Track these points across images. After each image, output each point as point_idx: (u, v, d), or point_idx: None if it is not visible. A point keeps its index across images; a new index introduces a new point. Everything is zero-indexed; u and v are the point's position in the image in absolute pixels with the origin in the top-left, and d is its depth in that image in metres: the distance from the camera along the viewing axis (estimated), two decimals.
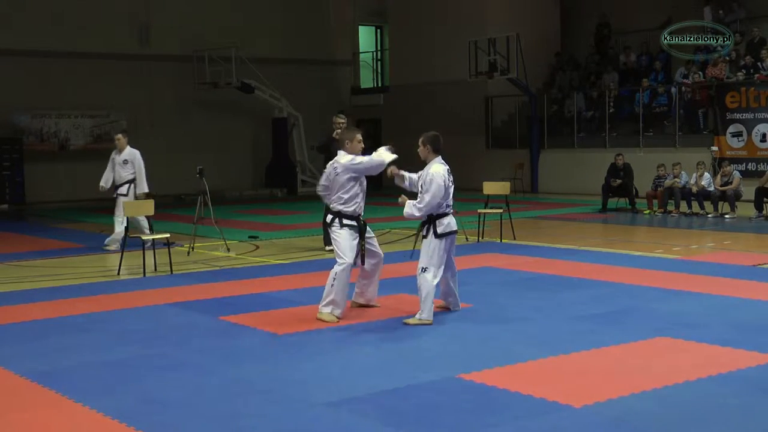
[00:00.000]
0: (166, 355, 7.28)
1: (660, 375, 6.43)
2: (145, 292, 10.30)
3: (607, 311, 8.77)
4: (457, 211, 8.68)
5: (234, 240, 15.05)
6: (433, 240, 8.29)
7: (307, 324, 8.34)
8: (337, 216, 8.57)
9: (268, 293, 10.13)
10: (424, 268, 8.26)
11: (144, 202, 12.72)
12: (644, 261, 12.20)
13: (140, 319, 8.79)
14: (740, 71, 22.48)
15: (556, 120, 26.98)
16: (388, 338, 7.79)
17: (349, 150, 8.69)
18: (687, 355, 7.05)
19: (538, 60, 27.48)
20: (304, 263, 12.58)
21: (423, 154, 8.45)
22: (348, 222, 8.53)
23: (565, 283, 10.53)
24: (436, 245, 8.27)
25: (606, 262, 12.17)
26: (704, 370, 6.54)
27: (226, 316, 8.80)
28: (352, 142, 8.70)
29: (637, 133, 23.74)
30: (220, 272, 11.88)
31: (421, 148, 8.44)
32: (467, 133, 27.80)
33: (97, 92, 26.38)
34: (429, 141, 8.42)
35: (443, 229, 8.32)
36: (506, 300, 9.48)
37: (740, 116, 21.83)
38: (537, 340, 7.61)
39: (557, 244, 14.13)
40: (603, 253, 13.17)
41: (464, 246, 13.63)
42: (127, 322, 8.69)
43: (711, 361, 6.81)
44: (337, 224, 8.54)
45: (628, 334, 7.73)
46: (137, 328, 8.40)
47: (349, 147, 8.70)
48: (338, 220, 8.54)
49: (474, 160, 27.18)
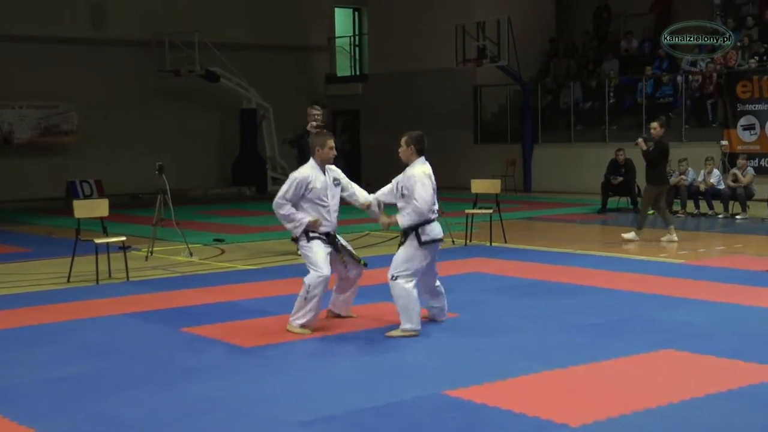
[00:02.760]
0: (124, 371, 7.26)
1: (664, 391, 6.43)
2: (98, 302, 10.25)
3: (607, 321, 8.78)
4: (442, 212, 8.65)
5: (197, 243, 15.01)
6: (413, 247, 8.20)
7: (277, 336, 8.30)
8: (303, 232, 8.53)
9: (235, 302, 10.07)
10: (394, 276, 8.18)
11: (98, 202, 12.67)
12: (647, 266, 12.22)
13: (94, 331, 8.74)
14: (753, 58, 22.61)
15: (551, 112, 27.07)
16: (367, 351, 7.78)
17: (318, 158, 8.56)
18: (693, 369, 7.05)
19: (531, 46, 27.56)
20: (274, 269, 12.53)
21: (405, 155, 8.33)
22: (315, 235, 8.50)
23: (560, 290, 10.53)
24: (416, 254, 8.19)
25: (605, 267, 12.18)
26: (712, 385, 6.55)
27: (189, 327, 8.78)
28: (322, 148, 8.55)
29: (639, 126, 23.79)
30: (181, 279, 11.85)
31: (404, 148, 8.32)
32: (454, 126, 27.86)
33: (45, 81, 26.18)
34: (413, 141, 8.31)
35: (428, 237, 8.23)
36: (496, 309, 9.46)
37: (753, 107, 21.99)
38: (530, 352, 7.61)
39: (552, 248, 14.15)
40: (602, 257, 13.19)
41: (451, 250, 13.62)
42: (79, 334, 8.65)
43: (719, 376, 6.82)
44: (304, 239, 8.51)
45: (629, 346, 7.73)
46: (91, 340, 8.35)
47: (319, 154, 8.56)
48: (305, 235, 8.51)
49: (461, 155, 27.22)
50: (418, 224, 8.20)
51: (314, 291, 8.34)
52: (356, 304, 9.24)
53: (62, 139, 26.67)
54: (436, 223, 8.39)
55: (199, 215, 20.44)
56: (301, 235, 8.52)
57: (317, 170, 8.57)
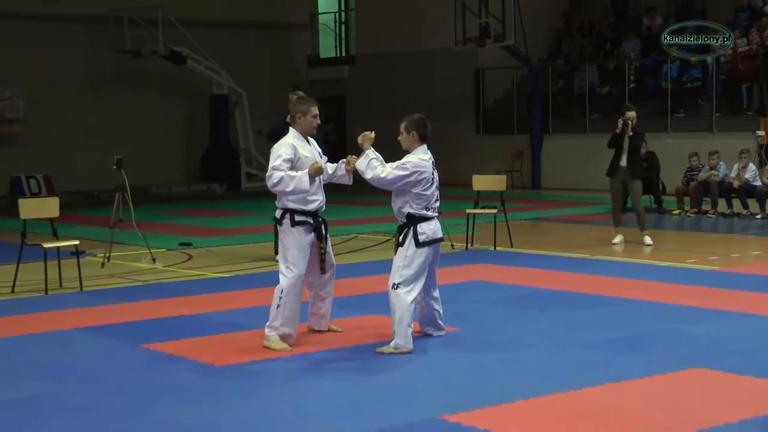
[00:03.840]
0: (77, 393, 7.22)
1: (694, 416, 6.43)
2: (48, 314, 10.22)
3: (628, 336, 8.77)
4: (440, 212, 8.65)
5: (161, 248, 14.98)
6: (411, 249, 8.24)
7: (252, 353, 8.28)
8: (287, 212, 8.48)
9: (205, 315, 10.06)
10: (396, 284, 8.22)
11: (47, 201, 12.64)
12: (673, 273, 12.22)
13: (42, 349, 8.70)
14: None
15: (564, 98, 27.09)
16: (354, 370, 7.76)
17: (300, 127, 8.52)
18: (727, 391, 7.05)
19: (540, 24, 27.56)
20: (249, 277, 12.53)
21: (406, 143, 8.40)
22: (301, 219, 8.46)
23: (574, 300, 10.54)
24: (415, 256, 8.24)
25: (625, 274, 12.18)
26: (749, 409, 6.52)
27: (152, 343, 8.75)
28: (304, 116, 8.50)
29: (664, 114, 23.85)
30: (143, 289, 11.82)
31: (404, 135, 8.38)
32: (453, 115, 27.82)
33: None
34: (414, 126, 8.36)
35: (426, 236, 8.27)
36: (501, 322, 9.45)
37: None
38: (540, 372, 7.59)
39: (565, 253, 14.19)
40: (621, 263, 13.22)
41: (450, 255, 13.62)
42: (26, 352, 8.60)
43: (757, 399, 6.80)
44: (288, 222, 8.46)
45: (653, 364, 7.71)
46: (39, 359, 8.30)
47: (301, 123, 8.52)
48: (289, 217, 8.46)
49: (461, 148, 27.21)
50: (415, 220, 8.24)
51: (288, 294, 8.34)
52: (343, 316, 9.23)
53: (6, 128, 26.59)
54: (436, 221, 8.41)
55: (164, 216, 20.38)
56: (285, 217, 8.45)
57: (301, 140, 8.53)
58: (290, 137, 8.50)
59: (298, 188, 8.25)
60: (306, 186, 8.23)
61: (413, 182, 8.23)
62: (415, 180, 8.24)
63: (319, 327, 8.98)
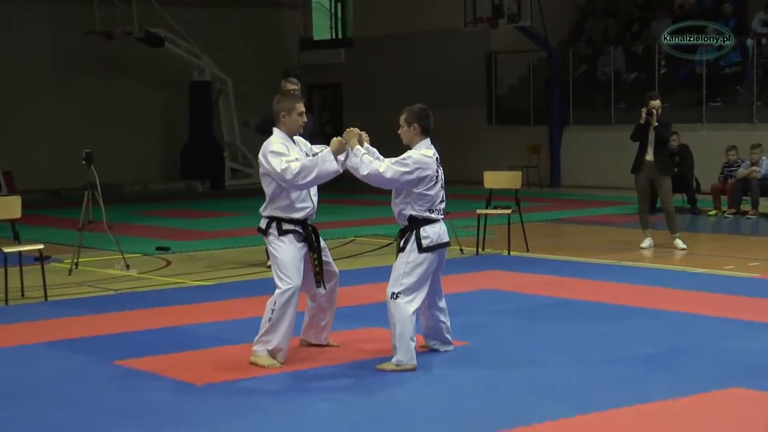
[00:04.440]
0: (42, 416, 7.17)
1: None
2: (9, 328, 10.19)
3: (658, 351, 8.75)
4: (446, 213, 8.64)
5: (136, 253, 15.01)
6: (413, 255, 8.24)
7: (239, 371, 8.26)
8: (273, 221, 8.49)
9: (185, 327, 10.05)
10: (395, 293, 8.21)
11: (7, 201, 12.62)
12: (709, 281, 12.24)
13: (3, 366, 8.68)
14: None
15: (586, 85, 27.08)
16: (352, 389, 7.75)
17: (285, 127, 8.52)
18: None
19: (560, 2, 27.55)
20: (235, 285, 12.54)
21: (407, 136, 8.41)
22: (289, 227, 8.46)
23: (597, 311, 10.54)
24: (418, 263, 8.23)
25: (655, 282, 12.18)
26: None
27: (125, 360, 8.73)
28: (289, 114, 8.50)
29: (698, 103, 23.85)
30: (116, 298, 11.82)
31: (404, 128, 8.39)
32: (462, 104, 27.84)
33: None
34: (416, 118, 8.35)
35: (431, 241, 8.27)
36: (515, 336, 9.44)
37: None
38: (559, 391, 7.58)
39: (586, 258, 14.24)
40: (650, 269, 13.24)
41: (458, 260, 13.64)
42: None
43: None
44: (275, 231, 8.47)
45: (687, 383, 7.69)
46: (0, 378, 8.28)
47: (285, 123, 8.52)
48: (276, 226, 8.47)
49: (471, 140, 27.24)
50: (418, 223, 8.25)
51: (282, 309, 8.31)
52: (340, 328, 9.22)
53: None
54: (441, 224, 8.41)
55: (139, 217, 20.39)
56: (271, 226, 8.45)
57: (287, 141, 8.50)
58: (276, 139, 8.47)
59: (324, 171, 8.18)
60: (334, 166, 8.16)
61: (415, 180, 8.22)
62: (417, 178, 8.22)
63: (318, 341, 8.95)
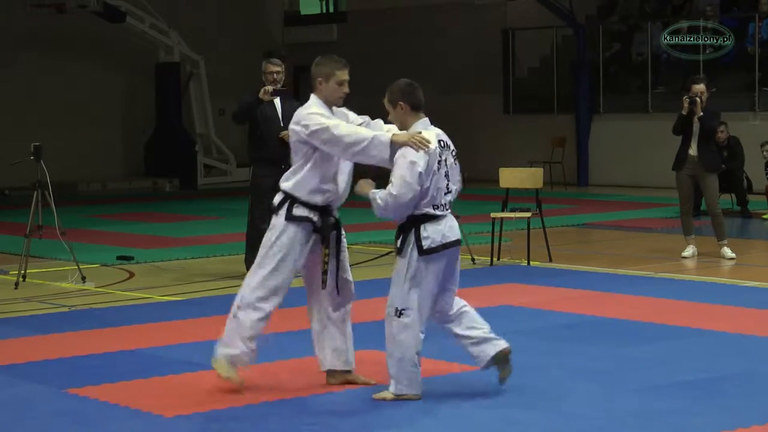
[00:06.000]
0: None
1: None
2: None
3: (702, 378, 8.67)
4: (457, 215, 8.45)
5: (94, 263, 14.88)
6: (413, 259, 7.93)
7: (212, 399, 8.20)
8: (287, 200, 8.19)
9: (149, 350, 9.98)
10: (398, 310, 7.94)
11: None
12: (762, 296, 12.15)
13: None
14: None
15: (619, 67, 27.15)
16: (345, 421, 7.79)
17: (322, 95, 8.21)
18: None
19: None
20: (208, 300, 12.46)
21: (398, 119, 8.13)
22: (301, 213, 8.13)
23: (631, 331, 10.45)
24: (418, 270, 7.94)
25: (698, 297, 12.11)
26: None
27: (80, 387, 8.63)
28: (327, 81, 8.19)
29: (750, 88, 23.63)
30: (69, 316, 11.78)
31: (391, 112, 8.16)
32: (474, 89, 28.08)
33: None
34: (399, 95, 8.07)
35: (432, 241, 7.92)
36: (538, 360, 9.27)
37: None
38: (589, 425, 7.51)
39: (618, 269, 14.14)
40: (693, 282, 13.22)
41: (470, 272, 13.48)
42: None
43: None
44: (283, 213, 8.17)
45: (736, 415, 7.62)
46: None
47: (322, 90, 8.20)
48: (287, 207, 8.15)
49: (484, 132, 27.34)
50: (416, 221, 7.96)
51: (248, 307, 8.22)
52: None
53: None
54: (446, 220, 8.06)
55: (97, 221, 20.46)
56: (282, 207, 8.18)
57: (327, 111, 8.22)
58: (313, 106, 8.18)
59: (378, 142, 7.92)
60: (387, 153, 7.88)
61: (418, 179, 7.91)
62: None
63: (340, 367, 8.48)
